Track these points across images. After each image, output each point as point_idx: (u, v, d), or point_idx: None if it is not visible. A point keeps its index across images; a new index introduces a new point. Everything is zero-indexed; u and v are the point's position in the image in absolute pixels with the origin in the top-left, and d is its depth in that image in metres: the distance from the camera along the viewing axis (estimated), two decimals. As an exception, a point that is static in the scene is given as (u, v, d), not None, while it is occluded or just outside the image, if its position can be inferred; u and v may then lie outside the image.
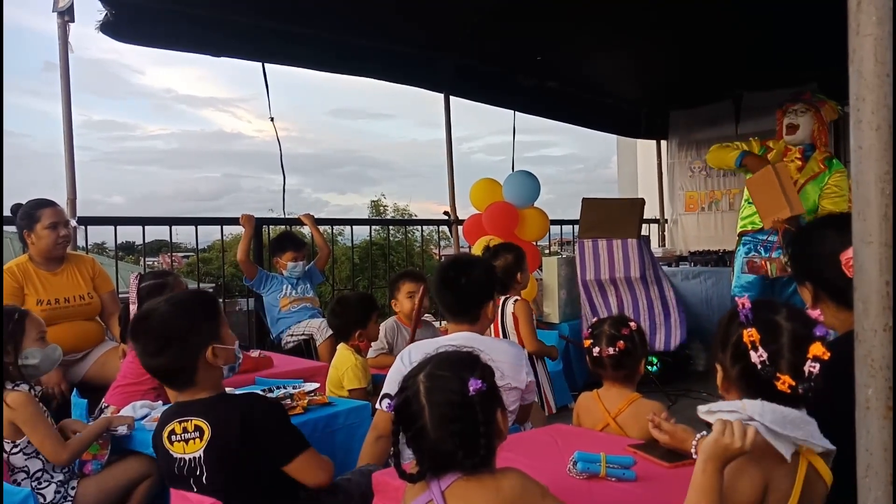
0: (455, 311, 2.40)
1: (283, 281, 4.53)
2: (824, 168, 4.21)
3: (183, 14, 3.95)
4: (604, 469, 1.72)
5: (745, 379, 1.22)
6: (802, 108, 4.22)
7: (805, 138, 4.24)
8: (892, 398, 0.82)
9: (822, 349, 1.16)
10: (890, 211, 0.83)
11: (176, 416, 1.85)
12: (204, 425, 1.80)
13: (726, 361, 1.26)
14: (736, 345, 1.23)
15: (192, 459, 1.79)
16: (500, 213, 5.04)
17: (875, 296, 0.82)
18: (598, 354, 2.28)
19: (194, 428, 1.80)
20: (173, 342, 1.81)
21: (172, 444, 1.82)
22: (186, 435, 1.81)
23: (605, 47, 5.11)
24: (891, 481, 0.81)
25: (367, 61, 4.94)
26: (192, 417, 1.82)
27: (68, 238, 3.37)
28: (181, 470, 1.81)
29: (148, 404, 2.62)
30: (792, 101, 4.29)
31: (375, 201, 21.94)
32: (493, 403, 1.35)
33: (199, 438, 1.79)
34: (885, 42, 0.82)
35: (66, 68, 3.70)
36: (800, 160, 4.24)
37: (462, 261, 2.64)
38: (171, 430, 1.83)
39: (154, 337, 1.82)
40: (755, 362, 1.18)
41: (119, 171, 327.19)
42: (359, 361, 3.12)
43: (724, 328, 1.28)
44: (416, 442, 1.32)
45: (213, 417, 1.81)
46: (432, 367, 1.36)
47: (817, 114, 4.21)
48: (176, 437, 1.82)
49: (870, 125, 0.83)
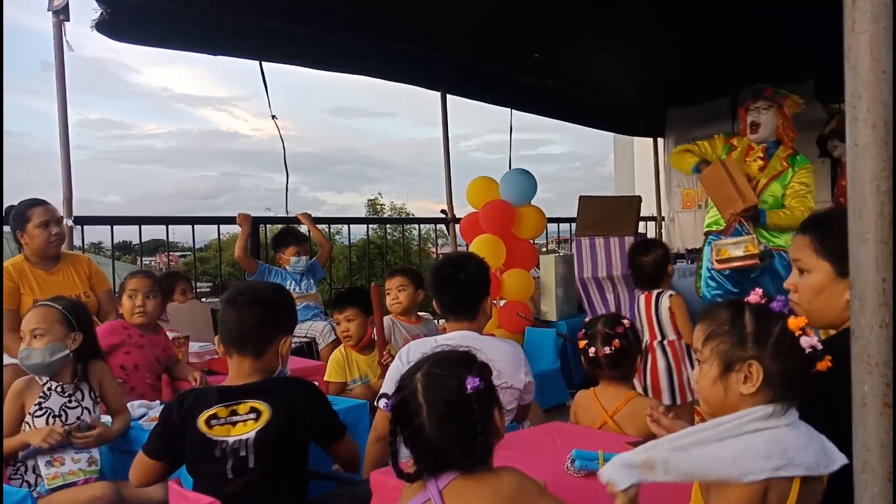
0: (453, 308, 2.40)
1: (286, 277, 4.51)
2: (787, 166, 4.11)
3: (179, 13, 3.94)
4: (601, 466, 1.72)
5: (788, 372, 1.18)
6: (765, 104, 4.12)
7: (769, 135, 4.14)
8: (889, 395, 0.82)
9: (800, 322, 1.17)
10: (886, 208, 0.83)
11: (225, 399, 1.83)
12: (262, 407, 1.82)
13: (765, 357, 1.18)
14: (780, 336, 1.18)
15: (238, 442, 1.79)
16: (496, 211, 5.04)
17: (871, 293, 0.82)
18: (594, 355, 2.28)
19: (249, 410, 1.81)
20: (270, 306, 1.95)
21: (212, 428, 1.80)
22: (235, 417, 1.81)
23: (603, 46, 5.11)
24: (888, 478, 0.81)
25: (365, 60, 4.94)
26: (245, 400, 1.83)
27: (61, 236, 3.36)
28: (222, 453, 1.79)
29: (146, 404, 2.63)
30: (753, 99, 4.19)
31: (372, 200, 21.94)
32: (490, 402, 1.35)
33: (255, 420, 1.80)
34: (880, 39, 0.82)
35: (62, 67, 3.70)
36: (762, 159, 4.15)
37: (457, 258, 2.65)
38: (211, 415, 1.81)
39: (263, 293, 1.98)
40: (806, 347, 1.15)
41: (117, 170, 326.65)
42: (342, 357, 3.18)
43: (751, 323, 1.22)
44: (413, 441, 1.32)
45: (275, 398, 1.84)
46: (430, 366, 1.36)
47: (780, 109, 4.11)
48: (218, 421, 1.80)
49: (865, 122, 0.83)
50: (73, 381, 2.35)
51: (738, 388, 1.20)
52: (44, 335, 2.30)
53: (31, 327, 2.31)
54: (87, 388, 2.37)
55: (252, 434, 1.79)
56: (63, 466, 2.21)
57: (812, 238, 1.56)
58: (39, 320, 2.33)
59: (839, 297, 1.49)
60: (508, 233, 5.07)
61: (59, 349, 2.31)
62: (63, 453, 2.21)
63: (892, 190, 0.83)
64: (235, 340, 1.90)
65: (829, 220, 1.57)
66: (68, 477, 2.20)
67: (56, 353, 2.30)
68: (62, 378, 2.34)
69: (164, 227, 4.98)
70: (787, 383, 1.18)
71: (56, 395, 2.31)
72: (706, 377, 1.25)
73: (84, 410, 2.32)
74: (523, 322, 4.89)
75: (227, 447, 1.78)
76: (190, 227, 4.95)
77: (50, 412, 2.28)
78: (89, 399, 2.35)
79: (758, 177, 4.09)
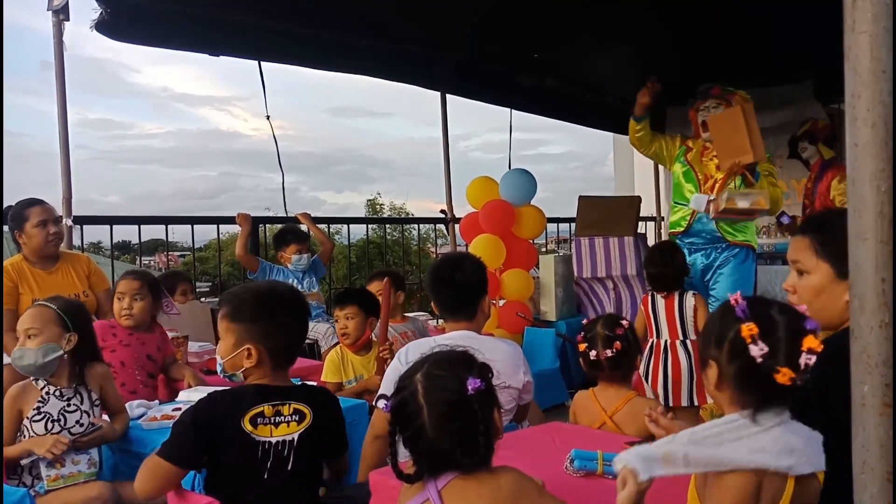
0: (452, 308, 2.40)
1: (289, 275, 4.50)
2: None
3: (179, 13, 3.93)
4: (600, 467, 1.72)
5: (742, 376, 1.21)
6: (714, 103, 4.10)
7: None
8: (889, 395, 0.82)
9: (816, 341, 1.16)
10: (886, 208, 0.83)
11: (267, 399, 1.81)
12: (306, 409, 1.84)
13: (722, 359, 1.24)
14: (733, 341, 1.22)
15: (281, 443, 1.79)
16: (496, 211, 5.04)
17: (871, 293, 0.82)
18: (595, 358, 2.28)
19: (293, 411, 1.82)
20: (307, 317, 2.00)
21: (257, 427, 1.78)
22: (279, 418, 1.80)
23: (602, 46, 5.11)
24: (887, 478, 0.81)
25: (365, 60, 4.93)
26: (289, 401, 1.83)
27: (59, 235, 3.35)
28: (264, 453, 1.77)
29: (144, 403, 2.62)
30: (703, 99, 4.17)
31: (372, 200, 21.96)
32: (490, 402, 1.35)
33: (298, 422, 1.82)
34: (880, 39, 0.82)
35: (62, 67, 3.70)
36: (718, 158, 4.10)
37: (454, 258, 2.65)
38: (257, 413, 1.79)
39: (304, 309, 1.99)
40: (755, 356, 1.17)
41: (116, 169, 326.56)
42: (337, 358, 3.18)
43: (718, 325, 1.27)
44: (413, 441, 1.32)
45: (314, 403, 1.87)
46: (430, 367, 1.36)
47: (729, 107, 4.06)
48: (263, 420, 1.78)
49: (865, 122, 0.83)
50: (72, 385, 2.32)
51: (709, 385, 1.30)
52: (37, 335, 2.26)
53: (25, 327, 2.28)
54: (86, 392, 2.33)
55: (296, 435, 1.81)
56: (64, 468, 2.19)
57: (812, 239, 1.56)
58: (33, 320, 2.29)
59: (839, 298, 1.49)
60: (508, 233, 5.07)
61: (52, 350, 2.27)
62: (64, 455, 2.19)
63: (891, 190, 0.83)
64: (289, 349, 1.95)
65: (828, 222, 1.58)
66: (69, 479, 2.19)
67: (49, 354, 2.26)
68: (60, 382, 2.31)
69: (163, 227, 4.97)
70: (747, 387, 1.22)
71: (55, 399, 2.28)
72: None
73: (83, 414, 2.29)
74: (523, 322, 4.89)
75: (269, 447, 1.78)
76: (189, 227, 4.95)
77: (49, 417, 2.25)
78: (88, 402, 2.32)
79: (716, 175, 4.06)
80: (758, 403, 1.21)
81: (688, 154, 4.21)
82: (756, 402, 1.21)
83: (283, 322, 1.87)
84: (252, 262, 4.47)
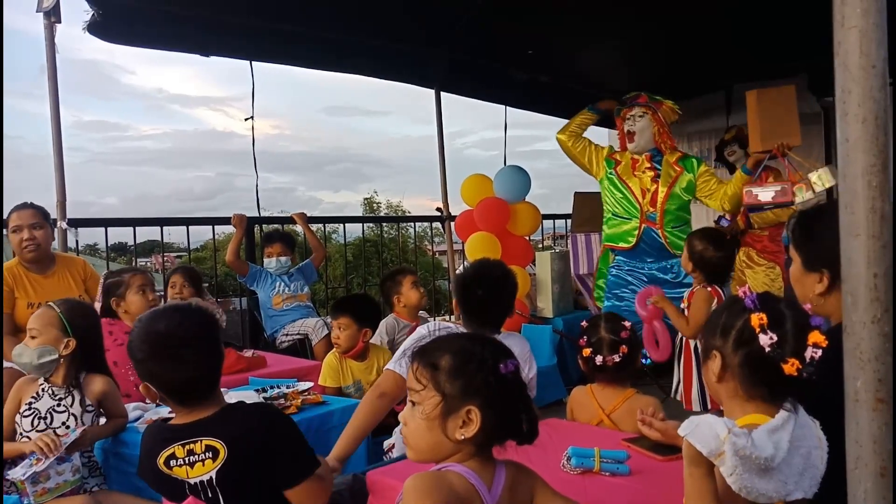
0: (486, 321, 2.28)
1: (276, 279, 4.53)
2: (681, 170, 4.01)
3: (171, 14, 3.92)
4: (598, 464, 1.72)
5: (748, 365, 1.21)
6: (639, 112, 4.03)
7: (647, 143, 4.04)
8: (881, 390, 0.82)
9: (822, 337, 1.17)
10: (877, 203, 0.83)
11: (175, 440, 1.65)
12: (218, 445, 1.62)
13: (726, 349, 1.24)
14: (741, 330, 1.22)
15: (200, 483, 1.62)
16: (491, 208, 5.04)
17: (863, 288, 0.83)
18: (601, 363, 2.25)
19: (204, 448, 1.63)
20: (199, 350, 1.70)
21: (172, 470, 1.64)
22: (193, 458, 1.63)
23: (596, 40, 5.10)
24: (880, 473, 0.81)
25: (357, 58, 4.92)
26: (200, 438, 1.64)
27: (36, 241, 3.27)
28: (191, 490, 1.64)
29: (141, 406, 2.61)
30: (629, 107, 4.09)
31: (369, 198, 21.98)
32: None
33: (213, 459, 1.62)
34: (869, 34, 0.82)
35: (54, 69, 3.68)
36: (651, 170, 4.04)
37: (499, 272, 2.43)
38: (168, 455, 1.64)
39: (196, 343, 1.69)
40: (764, 345, 1.18)
41: (112, 171, 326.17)
42: (335, 362, 3.16)
43: (725, 315, 1.27)
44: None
45: (227, 435, 1.63)
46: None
47: (655, 115, 4.01)
48: (177, 462, 1.63)
49: (856, 117, 0.83)
50: (65, 386, 2.32)
51: (710, 377, 1.29)
52: (37, 337, 2.30)
53: (29, 326, 2.34)
54: (80, 395, 2.33)
55: (213, 473, 1.62)
56: (49, 481, 2.14)
57: (789, 232, 1.65)
58: (35, 321, 2.33)
59: (809, 289, 1.56)
60: (503, 230, 5.07)
61: (47, 353, 2.29)
62: (48, 468, 2.14)
63: (883, 185, 0.83)
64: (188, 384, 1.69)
65: (804, 217, 1.66)
66: (55, 491, 2.15)
67: (44, 357, 2.29)
68: (55, 381, 2.32)
69: (158, 229, 4.96)
70: (752, 376, 1.21)
71: (48, 397, 2.30)
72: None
73: (71, 416, 2.28)
74: (520, 319, 4.89)
75: (192, 488, 1.64)
76: (185, 228, 4.94)
77: (36, 413, 2.27)
78: (79, 406, 2.31)
79: (651, 187, 3.99)
80: (763, 396, 1.21)
81: (617, 167, 4.12)
82: (762, 395, 1.21)
83: (165, 363, 1.66)
84: (242, 267, 4.52)
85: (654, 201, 3.97)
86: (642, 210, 4.01)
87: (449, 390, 1.20)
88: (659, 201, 3.97)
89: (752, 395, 1.22)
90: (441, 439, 1.20)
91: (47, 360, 2.29)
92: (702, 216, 7.09)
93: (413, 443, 1.25)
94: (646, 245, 4.04)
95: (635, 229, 4.03)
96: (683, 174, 4.00)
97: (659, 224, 3.96)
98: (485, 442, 1.22)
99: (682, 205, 4.04)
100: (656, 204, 3.97)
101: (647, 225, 3.98)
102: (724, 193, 3.94)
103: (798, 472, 1.13)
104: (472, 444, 1.21)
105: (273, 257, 4.55)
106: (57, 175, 3.73)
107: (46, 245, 3.36)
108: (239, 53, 4.49)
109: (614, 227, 4.16)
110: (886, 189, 0.83)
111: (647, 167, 4.02)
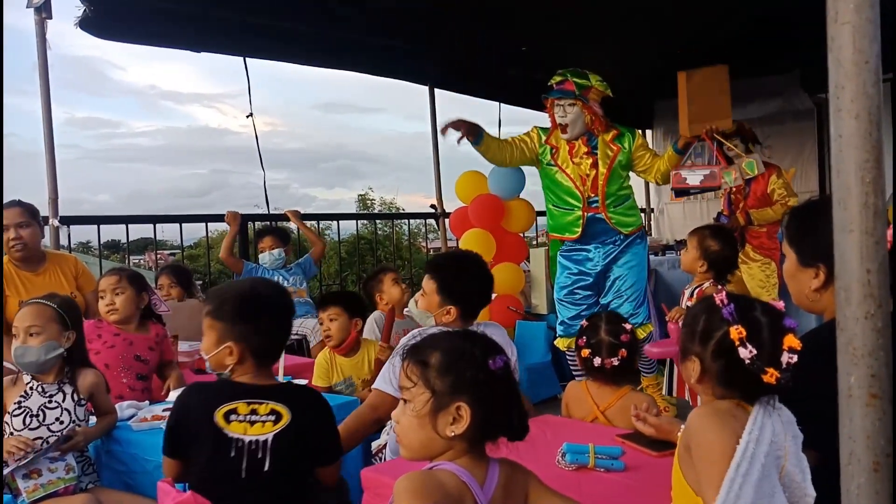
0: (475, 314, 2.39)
1: (272, 274, 4.50)
2: (618, 148, 3.92)
3: (162, 10, 3.90)
4: (592, 460, 1.73)
5: (728, 374, 1.24)
6: (569, 102, 3.91)
7: (581, 131, 3.92)
8: (875, 385, 0.82)
9: (796, 340, 1.20)
10: (871, 199, 0.83)
11: (243, 396, 1.76)
12: (283, 410, 1.76)
13: (706, 356, 1.26)
14: (720, 341, 1.24)
15: (254, 442, 1.72)
16: (485, 205, 5.04)
17: (856, 284, 0.82)
18: (599, 365, 2.25)
19: (269, 411, 1.76)
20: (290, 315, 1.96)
21: (230, 423, 1.73)
22: (255, 417, 1.74)
23: (590, 38, 5.10)
24: (874, 468, 0.81)
25: (350, 55, 4.92)
26: (267, 400, 1.77)
27: (23, 240, 3.23)
28: (238, 451, 1.72)
29: (134, 404, 2.60)
30: (559, 97, 3.94)
31: (363, 195, 21.89)
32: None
33: (274, 423, 1.75)
34: (863, 30, 0.82)
35: (45, 65, 3.67)
36: (589, 155, 3.94)
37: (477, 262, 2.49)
38: (231, 409, 1.74)
39: (287, 308, 1.94)
40: (744, 358, 1.19)
41: (106, 168, 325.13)
42: (325, 361, 3.14)
43: (703, 322, 1.28)
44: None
45: (294, 403, 1.78)
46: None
47: (585, 105, 3.89)
48: (237, 417, 1.74)
49: (849, 113, 0.83)
50: (56, 382, 2.30)
51: (689, 378, 1.31)
52: (40, 333, 2.26)
53: (26, 324, 2.27)
54: (71, 390, 2.31)
55: (270, 436, 1.74)
56: (41, 478, 2.13)
57: (784, 228, 1.65)
58: (35, 318, 2.28)
59: (804, 284, 1.55)
60: (498, 227, 5.07)
61: (53, 348, 2.27)
62: (38, 465, 2.14)
63: (876, 181, 0.83)
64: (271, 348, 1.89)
65: (798, 212, 1.65)
66: (48, 487, 2.13)
67: (51, 352, 2.26)
68: (46, 378, 2.30)
69: (151, 226, 4.94)
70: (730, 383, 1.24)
71: (37, 394, 2.27)
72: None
73: (64, 412, 2.27)
74: (514, 315, 4.90)
75: (242, 445, 1.72)
76: (178, 226, 4.92)
77: (28, 412, 2.24)
78: (71, 401, 2.29)
79: (591, 173, 3.90)
80: (741, 397, 1.25)
81: (554, 155, 4.01)
82: (740, 396, 1.25)
83: (264, 322, 1.83)
84: (237, 264, 4.50)
85: (595, 186, 3.90)
86: (584, 198, 3.93)
87: (438, 387, 1.20)
88: (600, 185, 3.90)
89: (730, 395, 1.26)
90: (432, 436, 1.20)
91: (53, 355, 2.26)
92: (702, 216, 7.13)
93: (405, 440, 1.25)
94: (592, 231, 3.98)
95: (579, 219, 3.96)
96: (621, 151, 3.93)
97: (601, 207, 3.90)
98: (476, 438, 1.22)
99: (622, 183, 4.00)
100: (597, 189, 3.90)
101: (591, 212, 3.92)
102: (658, 169, 3.93)
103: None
104: (463, 441, 1.21)
105: (266, 251, 4.54)
106: (49, 172, 3.72)
107: (34, 244, 3.32)
108: (232, 50, 4.48)
109: (557, 217, 4.09)
110: (880, 185, 0.83)
111: (584, 152, 3.94)
